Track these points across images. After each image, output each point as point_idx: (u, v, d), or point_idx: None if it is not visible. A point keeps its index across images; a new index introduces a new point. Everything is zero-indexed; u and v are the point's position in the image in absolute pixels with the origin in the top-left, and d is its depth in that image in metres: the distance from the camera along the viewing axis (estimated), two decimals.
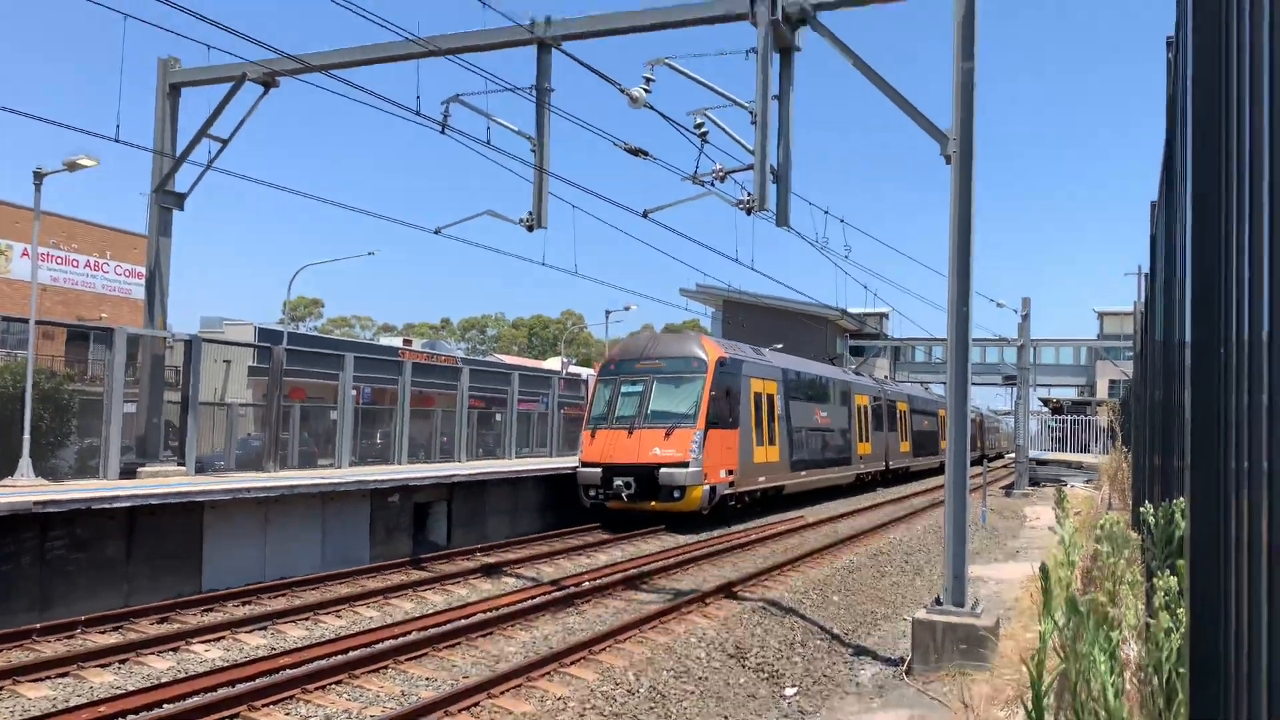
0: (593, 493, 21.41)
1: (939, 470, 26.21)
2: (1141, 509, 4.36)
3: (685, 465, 20.50)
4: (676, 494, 20.53)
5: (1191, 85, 2.24)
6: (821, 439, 29.19)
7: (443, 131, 15.13)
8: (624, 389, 22.20)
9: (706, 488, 20.90)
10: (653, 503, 20.69)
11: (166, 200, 17.55)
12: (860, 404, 33.85)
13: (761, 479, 24.10)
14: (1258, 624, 1.20)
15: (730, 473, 22.06)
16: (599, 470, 21.13)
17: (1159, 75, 7.02)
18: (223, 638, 11.17)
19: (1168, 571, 2.78)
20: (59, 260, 37.55)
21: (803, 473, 27.14)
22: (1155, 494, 6.87)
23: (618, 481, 20.78)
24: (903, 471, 38.92)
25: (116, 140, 15.40)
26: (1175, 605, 2.75)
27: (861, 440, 33.48)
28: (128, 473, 15.39)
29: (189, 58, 17.74)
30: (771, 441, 24.68)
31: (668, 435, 20.97)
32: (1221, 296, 1.71)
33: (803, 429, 27.35)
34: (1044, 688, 3.11)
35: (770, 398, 24.92)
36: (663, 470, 20.50)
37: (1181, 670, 2.42)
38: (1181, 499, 2.74)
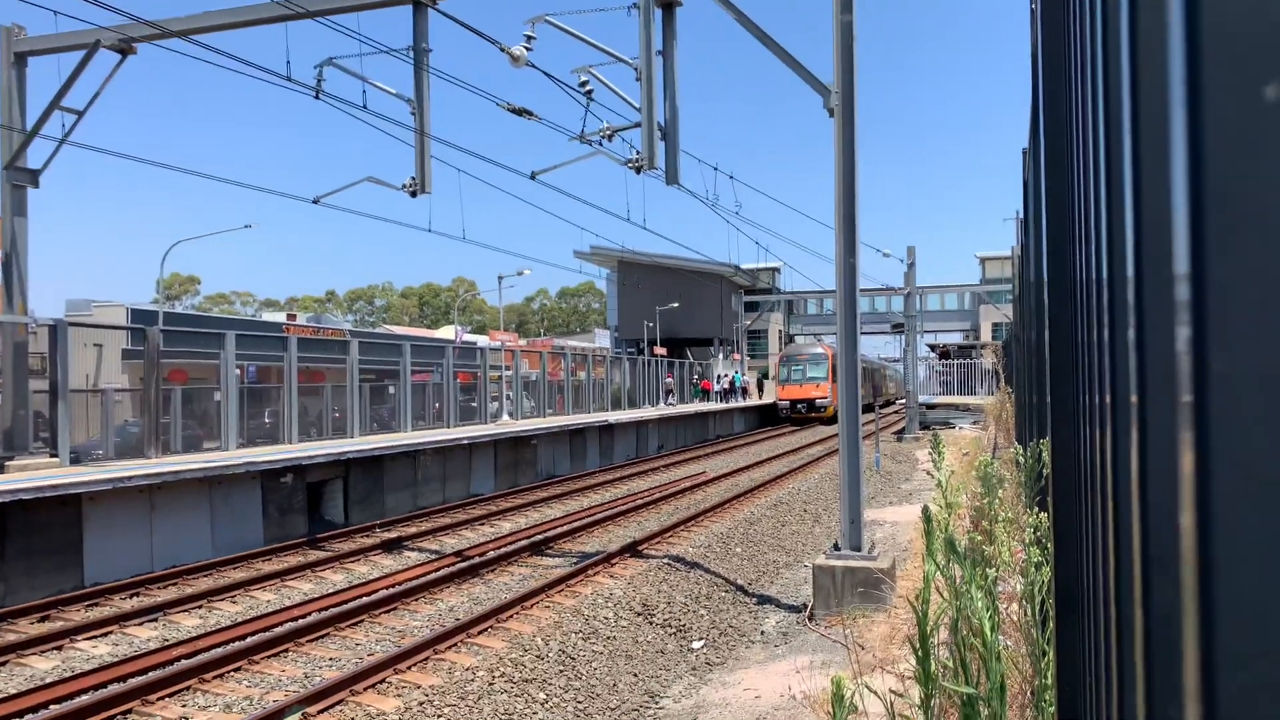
0: (784, 411, 47.83)
1: (884, 405, 46.91)
2: (1013, 449, 4.55)
3: (826, 398, 45.55)
4: (822, 409, 45.82)
5: (1043, 46, 2.29)
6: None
7: (317, 97, 14.61)
8: (794, 367, 47.94)
9: (834, 407, 44.04)
10: (812, 414, 46.63)
11: (19, 178, 16.48)
12: (865, 368, 53.24)
13: None
14: (1100, 556, 1.25)
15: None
16: (789, 402, 47.57)
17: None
18: (110, 632, 10.73)
19: (1036, 508, 2.89)
20: None
21: None
22: (1034, 432, 7.16)
23: (799, 405, 47.11)
24: (882, 403, 61.20)
25: None
26: (1046, 540, 2.87)
27: (864, 385, 52.69)
28: None
29: (36, 25, 16.67)
30: None
31: (817, 386, 46.53)
32: (1071, 238, 1.76)
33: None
34: (929, 626, 3.21)
35: None
36: (817, 400, 46.47)
37: (1051, 600, 2.52)
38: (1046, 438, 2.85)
